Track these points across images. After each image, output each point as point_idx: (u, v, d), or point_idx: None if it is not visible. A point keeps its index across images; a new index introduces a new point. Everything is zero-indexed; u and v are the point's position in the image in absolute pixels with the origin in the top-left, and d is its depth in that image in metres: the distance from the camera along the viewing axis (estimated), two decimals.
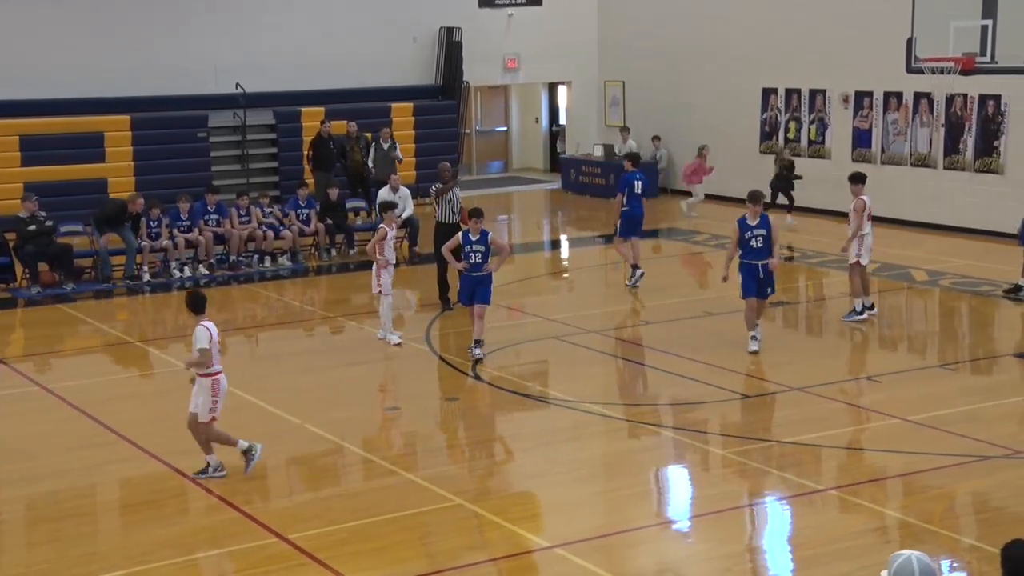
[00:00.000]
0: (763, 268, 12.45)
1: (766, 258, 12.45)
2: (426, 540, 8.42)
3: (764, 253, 12.46)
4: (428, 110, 23.88)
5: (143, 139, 21.30)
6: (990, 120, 18.82)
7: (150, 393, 12.01)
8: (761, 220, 12.52)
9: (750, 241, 12.50)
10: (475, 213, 12.73)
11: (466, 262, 12.53)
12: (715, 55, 23.12)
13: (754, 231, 12.46)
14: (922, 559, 4.52)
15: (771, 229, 12.50)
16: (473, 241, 12.53)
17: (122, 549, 8.32)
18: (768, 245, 12.45)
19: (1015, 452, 9.64)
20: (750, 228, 12.50)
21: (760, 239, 12.45)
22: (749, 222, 12.53)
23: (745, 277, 12.54)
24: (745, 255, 12.56)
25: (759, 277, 12.46)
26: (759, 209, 12.53)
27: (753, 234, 12.46)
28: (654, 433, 10.47)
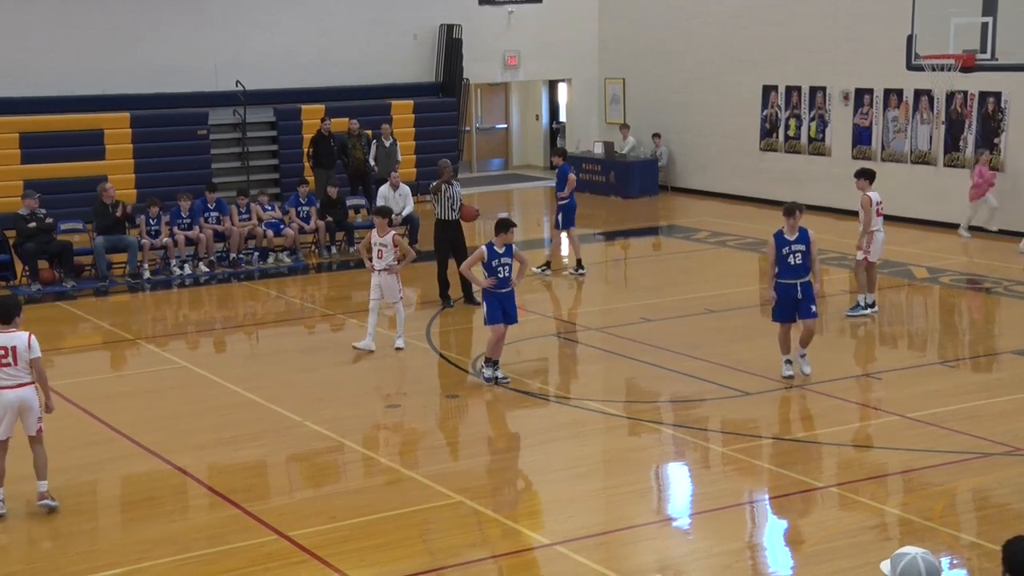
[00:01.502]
0: (802, 287, 11.47)
1: (805, 276, 11.49)
2: (427, 537, 8.42)
3: (803, 270, 11.48)
4: (428, 107, 23.88)
5: (143, 137, 21.30)
6: (990, 117, 18.81)
7: (150, 390, 12.01)
8: (800, 234, 11.51)
9: (788, 258, 11.46)
10: (504, 225, 11.60)
11: (493, 278, 11.50)
12: (715, 52, 23.11)
13: (792, 246, 11.46)
14: (927, 558, 4.46)
15: (810, 244, 11.52)
16: (500, 255, 11.53)
17: (121, 546, 8.33)
18: (807, 262, 11.49)
19: (1015, 449, 9.64)
20: (788, 243, 11.49)
21: (799, 255, 11.46)
22: (787, 236, 11.52)
23: (781, 297, 11.52)
24: (782, 273, 11.50)
25: (797, 297, 11.48)
26: (797, 222, 11.55)
27: (792, 250, 11.45)
28: (654, 430, 10.47)
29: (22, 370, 8.62)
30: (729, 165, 23.20)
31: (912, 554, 4.44)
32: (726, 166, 23.29)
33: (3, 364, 8.57)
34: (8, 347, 8.59)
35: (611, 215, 22.33)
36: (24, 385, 8.62)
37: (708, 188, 23.64)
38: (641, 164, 24.03)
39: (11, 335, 8.65)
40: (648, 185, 23.80)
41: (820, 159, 21.58)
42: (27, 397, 8.64)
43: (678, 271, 17.53)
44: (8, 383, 8.58)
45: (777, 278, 11.54)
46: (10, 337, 8.63)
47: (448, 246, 14.87)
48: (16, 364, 8.59)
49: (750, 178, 22.76)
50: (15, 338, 8.64)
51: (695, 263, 18.01)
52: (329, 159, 20.71)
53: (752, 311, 14.64)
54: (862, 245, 13.86)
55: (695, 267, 17.73)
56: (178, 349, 13.68)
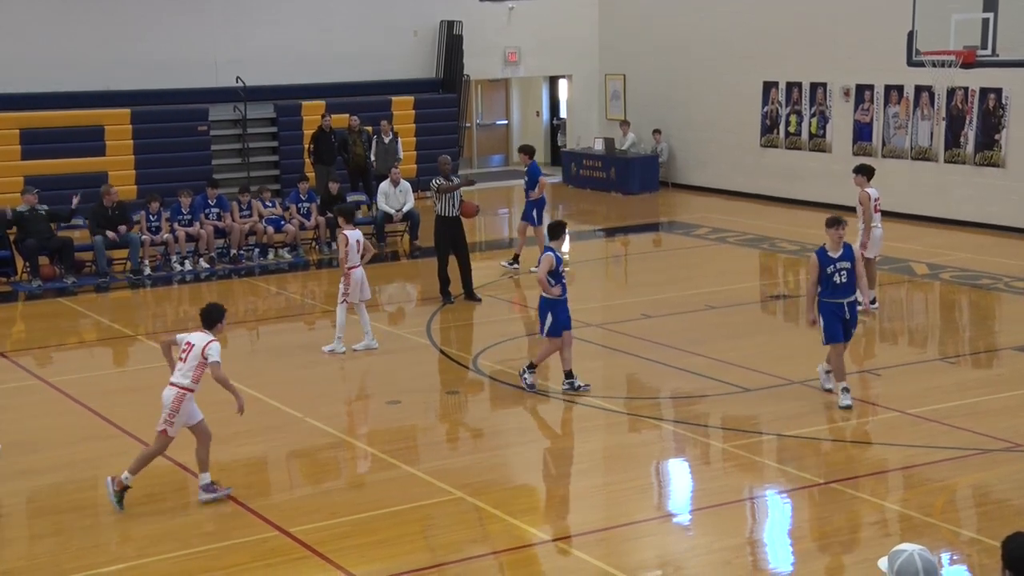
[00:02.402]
0: (849, 307, 10.64)
1: (852, 295, 10.67)
2: (427, 533, 8.43)
3: (850, 289, 10.65)
4: (428, 103, 23.87)
5: (143, 132, 21.30)
6: (991, 113, 18.81)
7: (151, 387, 11.96)
8: (844, 251, 10.66)
9: (833, 276, 10.57)
10: (560, 228, 11.45)
11: (560, 285, 11.10)
12: (716, 48, 23.10)
13: (837, 264, 10.58)
14: (924, 555, 4.46)
15: (855, 261, 10.69)
16: (563, 260, 11.32)
17: (123, 542, 8.34)
18: (852, 279, 10.67)
19: (1015, 445, 9.65)
20: (832, 261, 10.60)
21: (844, 273, 10.60)
22: (830, 253, 10.63)
23: (829, 318, 10.60)
24: (828, 292, 10.61)
25: (845, 317, 10.65)
26: (842, 235, 10.67)
27: (836, 268, 10.58)
28: (655, 427, 10.48)
29: (189, 370, 8.67)
30: (730, 161, 23.20)
31: (909, 551, 4.44)
32: (727, 162, 23.28)
33: (180, 358, 8.69)
34: (191, 344, 8.71)
35: (611, 211, 22.33)
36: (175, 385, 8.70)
37: (709, 184, 23.64)
38: (641, 160, 24.02)
39: (201, 336, 8.76)
40: (648, 181, 23.79)
41: (821, 155, 21.57)
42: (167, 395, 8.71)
43: (679, 267, 17.52)
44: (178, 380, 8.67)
45: (821, 298, 10.65)
46: (200, 337, 8.74)
47: (449, 242, 14.87)
48: (186, 362, 8.68)
49: (751, 174, 22.76)
50: (201, 339, 8.73)
51: (696, 259, 18.01)
52: (330, 155, 20.70)
53: (753, 307, 14.64)
54: (864, 242, 13.84)
55: (696, 263, 17.72)
56: None
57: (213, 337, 8.78)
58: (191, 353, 8.70)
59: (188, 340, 8.78)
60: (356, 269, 12.73)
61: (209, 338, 8.76)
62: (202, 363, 8.66)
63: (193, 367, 8.67)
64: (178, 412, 8.70)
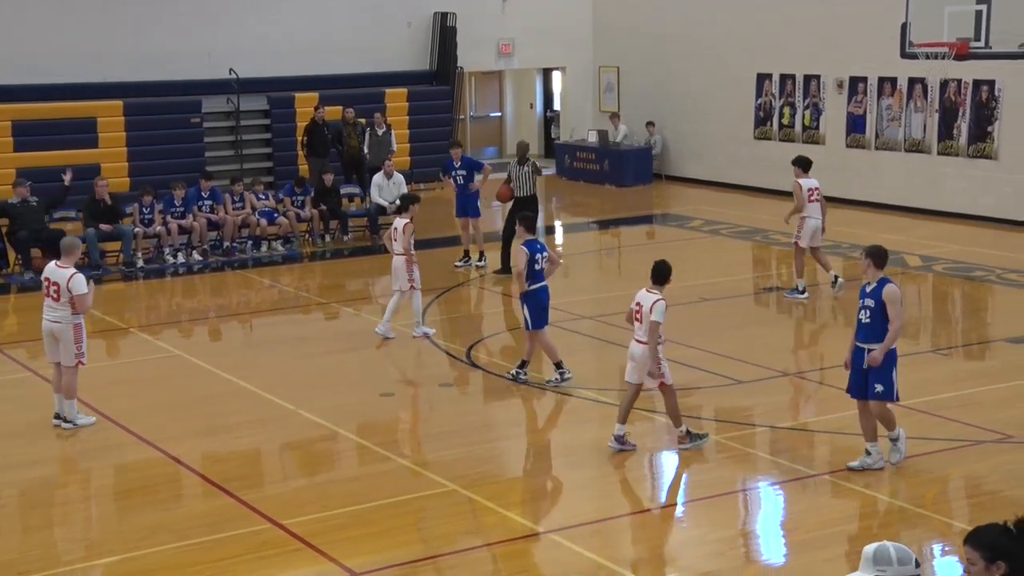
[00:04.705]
0: (868, 354, 8.80)
1: (868, 341, 8.79)
2: (421, 526, 8.44)
3: (868, 334, 8.78)
4: (422, 96, 23.83)
5: (136, 124, 21.25)
6: (984, 105, 18.82)
7: (144, 379, 12.01)
8: (876, 286, 8.82)
9: (858, 313, 8.87)
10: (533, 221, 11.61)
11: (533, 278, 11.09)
12: (709, 40, 23.09)
13: (865, 300, 8.82)
14: (898, 545, 4.71)
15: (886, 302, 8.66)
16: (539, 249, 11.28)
17: (117, 534, 8.33)
18: (878, 323, 8.71)
19: (1007, 436, 9.68)
20: (862, 295, 8.91)
21: (867, 312, 8.76)
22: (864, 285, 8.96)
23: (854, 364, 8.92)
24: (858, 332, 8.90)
25: (860, 367, 8.86)
26: (865, 265, 8.93)
27: (862, 303, 8.84)
28: (648, 419, 10.49)
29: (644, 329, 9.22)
30: (723, 153, 23.20)
31: (885, 543, 4.72)
32: (720, 154, 23.28)
33: (635, 318, 9.31)
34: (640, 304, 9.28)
35: (605, 203, 22.32)
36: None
37: (702, 176, 23.63)
38: (635, 152, 24.02)
39: (647, 295, 9.29)
40: (642, 173, 23.79)
41: (814, 147, 21.55)
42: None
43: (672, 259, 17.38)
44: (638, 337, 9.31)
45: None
46: (648, 296, 9.28)
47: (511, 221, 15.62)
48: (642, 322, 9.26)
49: (744, 166, 22.76)
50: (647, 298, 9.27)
51: (689, 251, 18.01)
52: (323, 147, 20.67)
53: (746, 300, 14.65)
54: (794, 230, 14.15)
55: (689, 255, 17.71)
56: (171, 337, 13.68)
57: (660, 296, 9.27)
58: (643, 312, 9.24)
59: (637, 300, 9.36)
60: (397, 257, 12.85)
61: (656, 297, 9.24)
62: (653, 322, 9.15)
63: (648, 325, 9.19)
64: (661, 362, 9.32)
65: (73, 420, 10.24)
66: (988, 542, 4.52)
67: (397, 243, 12.82)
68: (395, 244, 12.85)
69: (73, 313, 10.11)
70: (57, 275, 10.12)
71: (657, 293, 9.35)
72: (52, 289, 10.14)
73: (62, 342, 10.14)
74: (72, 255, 10.36)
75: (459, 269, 16.52)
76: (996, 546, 4.51)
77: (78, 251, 10.71)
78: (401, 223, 12.84)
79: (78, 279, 10.06)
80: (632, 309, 9.46)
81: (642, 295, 9.39)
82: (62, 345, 10.15)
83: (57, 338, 10.17)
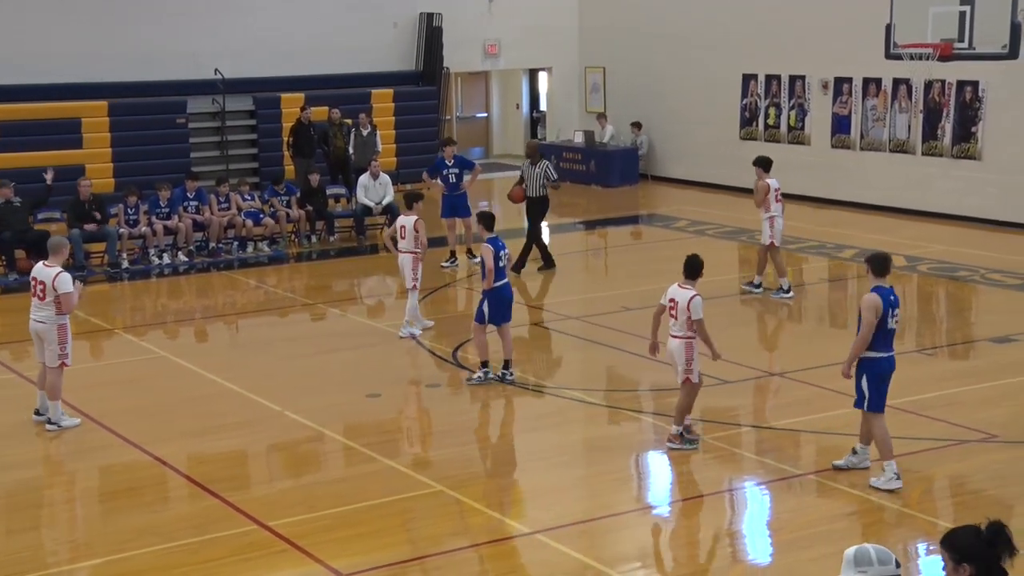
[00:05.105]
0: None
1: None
2: (408, 526, 8.43)
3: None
4: (408, 96, 23.82)
5: (121, 125, 21.17)
6: (968, 106, 18.91)
7: (129, 380, 11.97)
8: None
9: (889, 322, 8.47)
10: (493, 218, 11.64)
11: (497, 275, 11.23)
12: (695, 41, 23.14)
13: (895, 309, 8.51)
14: (878, 547, 4.78)
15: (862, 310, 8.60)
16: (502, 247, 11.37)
17: (102, 536, 8.31)
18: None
19: (991, 436, 9.73)
20: (892, 304, 8.49)
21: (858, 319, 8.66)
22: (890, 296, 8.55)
23: (880, 377, 8.62)
24: (882, 343, 8.54)
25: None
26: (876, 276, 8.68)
27: (895, 313, 8.53)
28: (634, 419, 10.51)
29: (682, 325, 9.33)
30: (709, 154, 23.25)
31: (866, 545, 4.81)
32: (706, 155, 23.33)
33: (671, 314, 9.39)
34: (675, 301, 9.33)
35: (591, 204, 22.35)
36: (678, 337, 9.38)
37: (688, 177, 23.69)
38: (621, 153, 24.05)
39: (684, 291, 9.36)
40: (628, 174, 23.83)
41: (800, 148, 21.64)
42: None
43: (658, 260, 17.56)
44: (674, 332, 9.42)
45: (877, 349, 8.50)
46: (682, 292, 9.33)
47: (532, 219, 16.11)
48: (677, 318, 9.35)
49: (730, 167, 22.80)
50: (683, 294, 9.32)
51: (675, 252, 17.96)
52: (309, 148, 20.63)
53: (731, 300, 14.68)
54: (763, 230, 14.31)
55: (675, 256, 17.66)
56: (157, 339, 13.64)
57: (695, 291, 9.36)
58: (678, 308, 9.28)
59: (671, 297, 9.39)
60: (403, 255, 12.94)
61: (691, 292, 9.32)
62: (689, 317, 9.27)
63: (683, 320, 9.29)
64: (693, 359, 9.34)
65: (58, 422, 10.21)
66: (956, 544, 4.60)
67: (405, 241, 12.84)
68: (401, 242, 12.87)
69: (58, 313, 10.08)
70: (43, 274, 10.12)
71: (691, 288, 9.38)
72: (38, 288, 10.13)
73: (46, 342, 10.11)
74: (59, 254, 10.36)
75: (445, 270, 16.52)
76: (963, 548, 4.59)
77: (66, 251, 10.71)
78: (410, 221, 12.84)
79: (64, 277, 10.06)
80: (664, 305, 9.46)
81: (675, 291, 9.39)
82: (46, 345, 10.12)
83: (42, 338, 10.15)
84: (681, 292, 9.37)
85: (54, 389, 10.18)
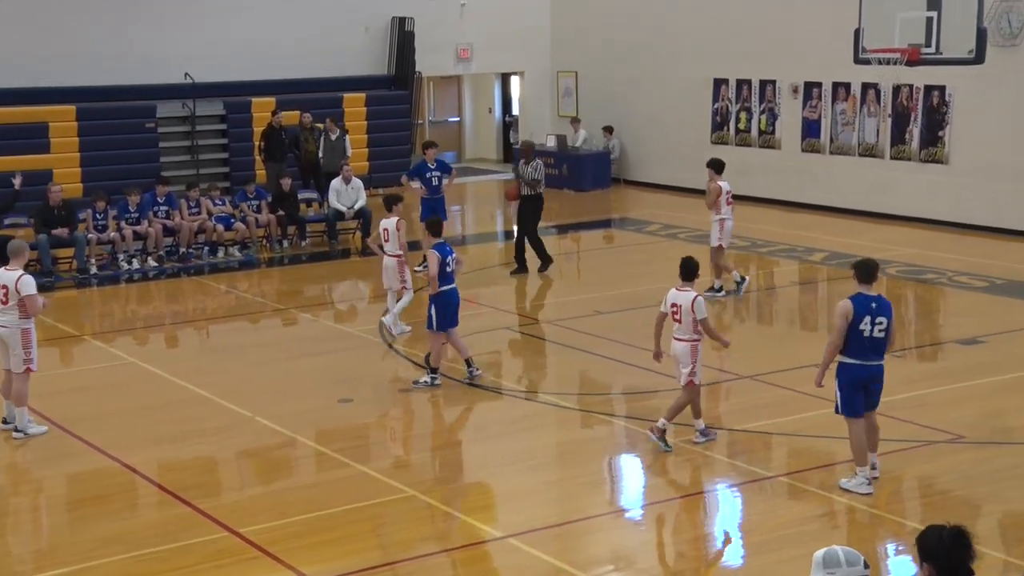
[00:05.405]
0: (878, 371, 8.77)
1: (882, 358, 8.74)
2: (379, 532, 8.41)
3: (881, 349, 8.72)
4: (380, 100, 23.78)
5: (89, 130, 21.01)
6: (935, 110, 19.09)
7: (97, 387, 11.87)
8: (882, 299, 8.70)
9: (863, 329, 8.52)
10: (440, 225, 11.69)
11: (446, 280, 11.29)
12: (667, 46, 23.23)
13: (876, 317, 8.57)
14: (847, 548, 4.85)
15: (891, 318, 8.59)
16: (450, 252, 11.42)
17: (69, 545, 8.22)
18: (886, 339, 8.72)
19: (959, 437, 9.81)
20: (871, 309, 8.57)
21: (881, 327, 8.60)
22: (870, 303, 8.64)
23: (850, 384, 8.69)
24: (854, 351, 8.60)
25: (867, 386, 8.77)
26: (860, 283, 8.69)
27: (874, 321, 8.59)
28: (606, 422, 10.53)
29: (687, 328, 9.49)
30: (681, 158, 23.33)
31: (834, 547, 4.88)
32: (678, 159, 23.41)
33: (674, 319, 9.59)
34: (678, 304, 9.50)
35: (564, 208, 22.36)
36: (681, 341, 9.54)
37: (660, 181, 23.77)
38: (594, 157, 24.10)
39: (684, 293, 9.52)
40: (600, 178, 23.88)
41: (770, 152, 21.77)
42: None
43: (630, 264, 17.61)
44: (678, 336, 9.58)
45: (850, 356, 8.60)
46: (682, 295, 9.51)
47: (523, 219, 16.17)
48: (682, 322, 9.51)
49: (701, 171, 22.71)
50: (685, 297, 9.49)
51: (647, 255, 18.10)
52: (280, 152, 20.55)
53: None
54: (712, 232, 14.56)
55: (647, 259, 17.80)
56: (126, 345, 13.53)
57: (694, 292, 9.53)
58: (681, 311, 9.48)
59: (672, 301, 9.55)
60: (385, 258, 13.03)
61: (692, 294, 9.48)
62: (694, 319, 9.45)
63: (688, 323, 9.47)
64: (698, 361, 9.56)
65: (24, 429, 10.10)
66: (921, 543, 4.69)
67: (389, 243, 12.84)
68: (387, 245, 12.86)
69: (22, 316, 9.99)
70: (5, 277, 10.02)
71: (691, 290, 9.53)
72: (1, 292, 10.02)
73: (11, 347, 10.01)
74: (20, 257, 10.26)
75: (419, 273, 16.48)
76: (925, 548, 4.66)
77: (26, 254, 10.58)
78: (392, 223, 12.84)
79: (26, 279, 9.97)
80: (665, 311, 9.61)
81: (675, 295, 9.56)
82: (11, 351, 10.02)
83: (6, 343, 10.04)
84: (682, 295, 9.51)
85: (20, 396, 10.08)
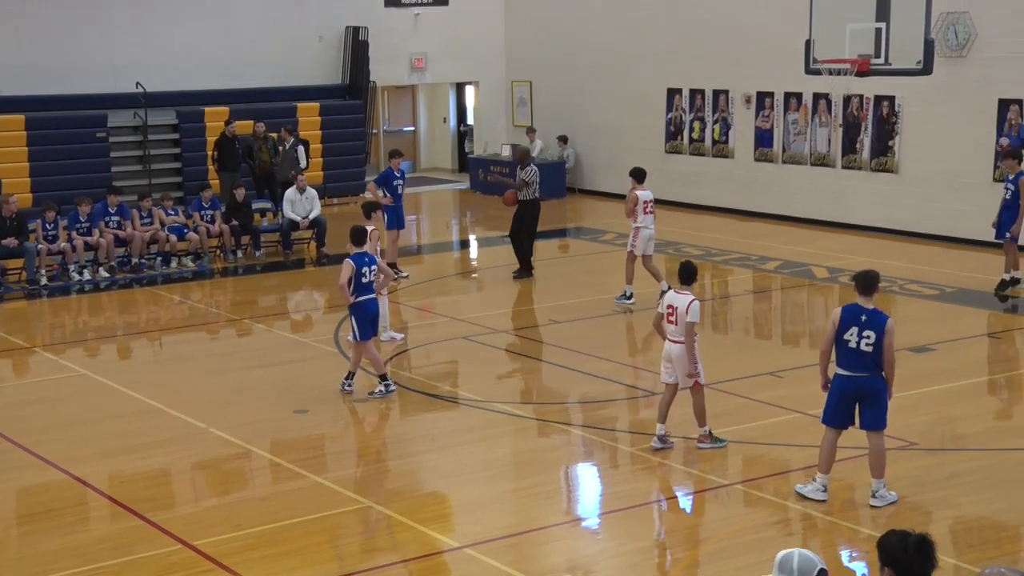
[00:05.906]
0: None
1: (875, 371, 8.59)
2: (335, 543, 8.35)
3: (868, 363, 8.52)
4: (335, 110, 23.68)
5: (39, 139, 20.73)
6: (885, 120, 19.36)
7: (47, 399, 11.69)
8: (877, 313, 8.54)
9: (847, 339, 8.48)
10: (363, 235, 11.46)
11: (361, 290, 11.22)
12: (621, 56, 23.37)
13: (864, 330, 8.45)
14: (803, 551, 4.92)
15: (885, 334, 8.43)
16: (367, 262, 11.34)
17: (19, 560, 8.09)
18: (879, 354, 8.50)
19: (911, 444, 9.94)
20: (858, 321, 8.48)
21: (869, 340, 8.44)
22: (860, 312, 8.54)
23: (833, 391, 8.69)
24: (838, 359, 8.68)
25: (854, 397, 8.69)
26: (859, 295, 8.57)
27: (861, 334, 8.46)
28: (563, 431, 10.54)
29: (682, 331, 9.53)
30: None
31: (792, 550, 4.94)
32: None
33: (669, 320, 9.64)
34: (674, 307, 9.57)
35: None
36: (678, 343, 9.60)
37: (615, 190, 23.84)
38: (548, 167, 24.14)
39: (682, 296, 9.54)
40: (555, 187, 23.92)
41: (723, 161, 21.96)
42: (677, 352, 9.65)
43: (586, 272, 17.67)
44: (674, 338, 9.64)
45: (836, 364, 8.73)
46: (680, 298, 9.55)
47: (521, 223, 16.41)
48: (677, 324, 9.56)
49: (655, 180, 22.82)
50: (682, 300, 9.53)
51: (602, 264, 18.16)
52: (234, 162, 20.40)
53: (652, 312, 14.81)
54: (629, 239, 14.82)
55: (603, 268, 17.87)
56: (77, 356, 13.35)
57: (692, 296, 9.53)
58: (677, 313, 9.50)
59: (669, 304, 9.60)
60: None
61: (689, 297, 9.49)
62: (689, 323, 9.45)
63: (684, 325, 9.49)
64: (698, 361, 9.60)
65: None
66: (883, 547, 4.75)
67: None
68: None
69: None
70: None
71: (689, 293, 9.59)
72: None
73: None
74: None
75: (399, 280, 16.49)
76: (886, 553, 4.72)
77: None
78: (369, 230, 12.76)
79: None
80: (662, 313, 9.69)
81: (673, 297, 9.64)
82: None
83: None
84: (680, 298, 9.59)
85: None
